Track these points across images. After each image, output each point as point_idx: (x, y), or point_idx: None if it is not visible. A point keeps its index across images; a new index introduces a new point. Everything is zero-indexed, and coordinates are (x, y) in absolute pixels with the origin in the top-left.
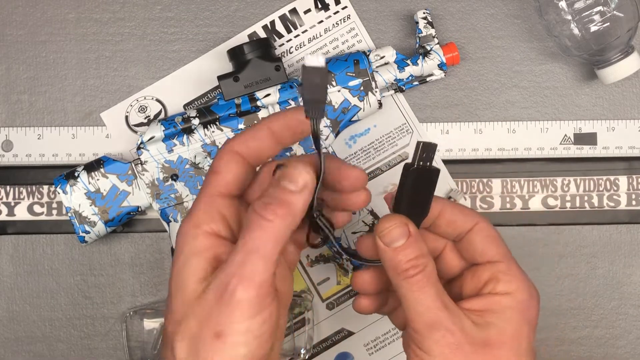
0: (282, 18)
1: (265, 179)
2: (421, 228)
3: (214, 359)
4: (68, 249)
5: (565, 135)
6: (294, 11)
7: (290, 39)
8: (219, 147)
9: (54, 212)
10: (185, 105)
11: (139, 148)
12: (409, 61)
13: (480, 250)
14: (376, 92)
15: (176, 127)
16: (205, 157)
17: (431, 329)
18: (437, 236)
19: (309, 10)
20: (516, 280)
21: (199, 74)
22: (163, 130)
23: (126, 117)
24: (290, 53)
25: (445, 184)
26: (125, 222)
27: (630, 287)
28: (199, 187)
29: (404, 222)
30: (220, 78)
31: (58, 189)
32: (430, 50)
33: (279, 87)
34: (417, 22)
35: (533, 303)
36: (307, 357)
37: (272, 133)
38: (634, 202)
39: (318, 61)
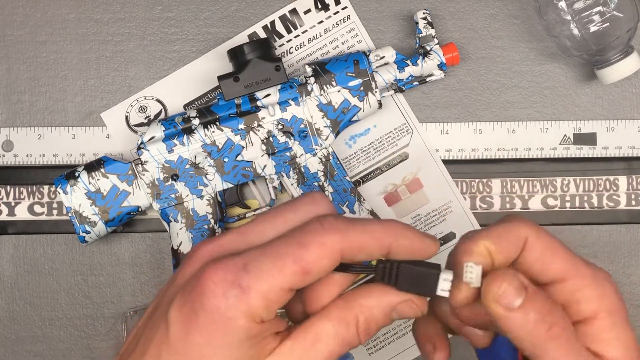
0: (282, 18)
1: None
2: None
3: None
4: (68, 248)
5: (565, 135)
6: (294, 11)
7: (290, 39)
8: (219, 147)
9: (55, 212)
10: (186, 106)
11: (139, 148)
12: (408, 61)
13: (539, 271)
14: (376, 92)
15: (176, 127)
16: (206, 157)
17: None
18: None
19: (309, 11)
20: (593, 289)
21: (199, 74)
22: (163, 131)
23: (126, 117)
24: (290, 53)
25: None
26: (126, 222)
27: (630, 287)
28: (199, 187)
29: (512, 273)
30: (220, 78)
31: (58, 189)
32: (430, 50)
33: (279, 87)
34: (417, 23)
35: (618, 299)
36: None
37: (386, 248)
38: (633, 202)
39: (444, 285)
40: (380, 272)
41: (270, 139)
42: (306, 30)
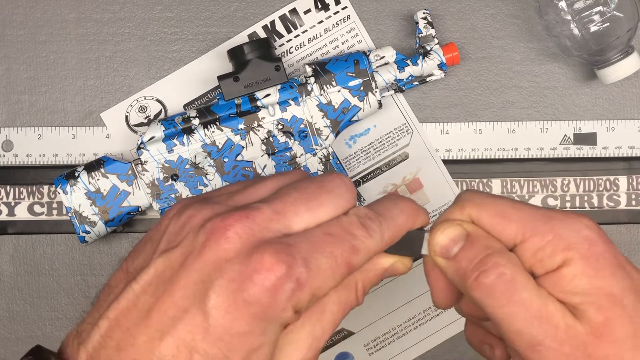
0: (282, 18)
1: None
2: None
3: None
4: (68, 249)
5: (565, 135)
6: (294, 11)
7: (290, 39)
8: (219, 147)
9: (54, 212)
10: (185, 105)
11: (139, 148)
12: (408, 61)
13: (495, 232)
14: (376, 92)
15: (176, 127)
16: (206, 157)
17: (533, 350)
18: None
19: (309, 11)
20: (557, 242)
21: (199, 74)
22: (163, 130)
23: (126, 117)
24: (290, 53)
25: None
26: (126, 222)
27: None
28: (199, 187)
29: (450, 222)
30: (220, 78)
31: (58, 189)
32: (430, 50)
33: (279, 87)
34: (417, 22)
35: (596, 245)
36: None
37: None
38: (633, 202)
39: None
40: None
41: (270, 139)
42: (306, 30)
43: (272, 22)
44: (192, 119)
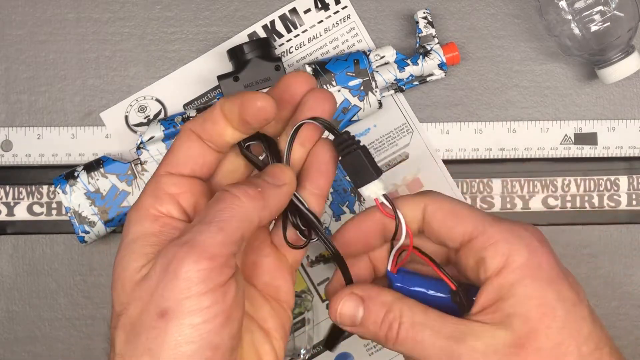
0: (282, 18)
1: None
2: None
3: (156, 341)
4: (68, 249)
5: (566, 135)
6: (293, 11)
7: (290, 39)
8: None
9: (54, 212)
10: (185, 105)
11: (138, 148)
12: (409, 61)
13: (445, 236)
14: (376, 92)
15: (176, 127)
16: None
17: None
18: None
19: (309, 10)
20: (501, 245)
21: (199, 73)
22: (163, 130)
23: (126, 117)
24: (290, 53)
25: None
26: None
27: (631, 288)
28: None
29: (348, 291)
30: (220, 78)
31: (58, 189)
32: (431, 50)
33: None
34: (417, 22)
35: (537, 255)
36: (307, 357)
37: (224, 115)
38: (634, 202)
39: (369, 189)
40: (338, 141)
41: None
42: (306, 30)
43: (272, 22)
44: (191, 118)
